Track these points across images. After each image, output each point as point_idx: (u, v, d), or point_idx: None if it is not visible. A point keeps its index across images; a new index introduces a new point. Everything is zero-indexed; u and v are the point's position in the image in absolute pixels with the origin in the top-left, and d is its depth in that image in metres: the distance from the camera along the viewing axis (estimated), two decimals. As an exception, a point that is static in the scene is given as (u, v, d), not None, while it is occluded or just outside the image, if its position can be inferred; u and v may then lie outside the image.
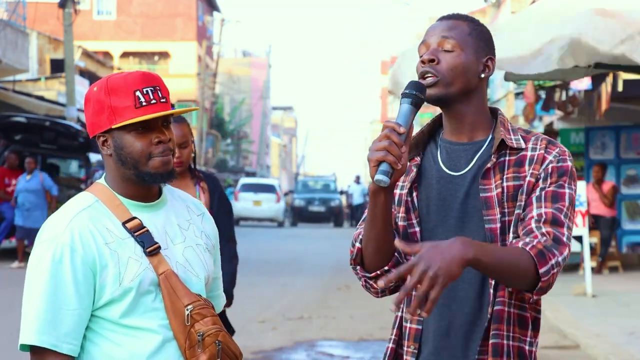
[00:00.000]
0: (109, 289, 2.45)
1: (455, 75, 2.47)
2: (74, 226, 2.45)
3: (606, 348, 8.36)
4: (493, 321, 2.43)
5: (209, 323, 2.49)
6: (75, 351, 2.44)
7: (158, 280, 2.48)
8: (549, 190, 2.43)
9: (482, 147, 2.52)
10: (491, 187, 2.46)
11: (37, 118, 18.04)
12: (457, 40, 2.49)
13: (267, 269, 16.74)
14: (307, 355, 8.88)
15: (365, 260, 2.51)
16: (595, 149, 16.30)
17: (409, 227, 2.53)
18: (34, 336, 2.41)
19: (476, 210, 2.47)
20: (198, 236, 2.62)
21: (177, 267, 2.52)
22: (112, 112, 2.47)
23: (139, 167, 2.49)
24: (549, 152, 2.47)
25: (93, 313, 2.47)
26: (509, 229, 2.44)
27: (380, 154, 2.32)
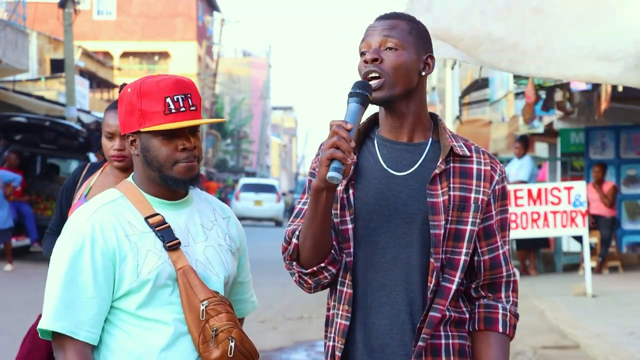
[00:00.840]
0: (127, 280, 2.51)
1: (399, 74, 2.51)
2: (95, 218, 2.53)
3: (606, 348, 8.36)
4: (427, 326, 2.50)
5: (224, 319, 2.53)
6: (93, 339, 2.50)
7: (176, 275, 2.53)
8: (499, 219, 2.61)
9: (425, 149, 2.57)
10: (438, 193, 2.52)
11: (37, 118, 18.02)
12: (399, 39, 2.53)
13: (267, 268, 16.73)
14: (307, 355, 8.88)
15: (302, 256, 2.54)
16: (595, 149, 16.30)
17: (342, 223, 2.55)
18: (51, 322, 2.48)
19: (420, 213, 2.51)
20: (221, 237, 2.68)
21: (197, 264, 2.58)
22: (141, 116, 2.55)
23: (163, 170, 2.56)
24: (494, 170, 2.59)
25: (112, 304, 2.53)
26: (449, 236, 2.53)
27: (330, 151, 2.37)
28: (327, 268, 2.54)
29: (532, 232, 12.32)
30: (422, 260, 2.52)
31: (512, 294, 2.63)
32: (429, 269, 2.51)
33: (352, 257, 2.54)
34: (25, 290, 12.54)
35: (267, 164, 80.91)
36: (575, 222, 11.96)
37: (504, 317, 2.58)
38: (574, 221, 11.97)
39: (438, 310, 2.51)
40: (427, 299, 2.50)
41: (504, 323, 2.58)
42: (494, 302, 2.60)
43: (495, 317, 2.57)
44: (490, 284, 2.60)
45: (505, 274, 2.60)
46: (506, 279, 2.61)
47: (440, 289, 2.52)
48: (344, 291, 2.55)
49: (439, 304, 2.51)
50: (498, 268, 2.59)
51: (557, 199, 12.02)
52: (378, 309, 2.53)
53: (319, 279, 2.56)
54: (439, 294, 2.51)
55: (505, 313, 2.58)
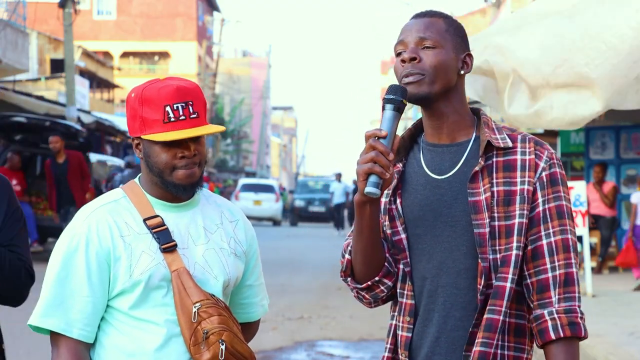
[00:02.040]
0: (121, 280, 2.53)
1: (438, 72, 2.44)
2: (92, 219, 2.56)
3: (606, 348, 8.36)
4: (484, 329, 2.39)
5: (215, 322, 2.52)
6: (87, 337, 2.53)
7: (171, 277, 2.54)
8: (549, 208, 2.43)
9: (466, 148, 2.48)
10: (479, 191, 2.42)
11: (37, 118, 18.00)
12: (436, 37, 2.46)
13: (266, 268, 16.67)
14: (307, 355, 8.88)
15: (355, 271, 2.50)
16: (595, 149, 16.30)
17: (394, 234, 2.49)
18: (39, 319, 2.51)
19: (464, 215, 2.43)
20: (225, 241, 2.67)
21: (195, 266, 2.58)
22: (142, 122, 2.56)
23: (163, 176, 2.58)
24: (540, 157, 2.45)
25: (107, 303, 2.56)
26: (499, 234, 2.41)
27: (367, 166, 2.30)
28: (383, 281, 2.49)
29: (532, 232, 12.29)
30: (471, 262, 2.42)
31: (563, 290, 2.41)
32: (477, 272, 2.41)
33: (410, 267, 2.48)
34: (25, 290, 12.54)
35: (267, 164, 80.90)
36: (575, 222, 11.94)
37: (553, 321, 2.38)
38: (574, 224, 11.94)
39: (495, 312, 2.38)
40: (478, 302, 2.40)
41: (555, 328, 2.38)
42: (540, 309, 2.40)
43: (545, 327, 2.39)
44: (537, 282, 2.41)
45: (550, 266, 2.40)
46: (553, 273, 2.40)
47: (495, 289, 2.40)
48: (404, 302, 2.49)
49: (495, 304, 2.39)
50: (541, 259, 2.41)
51: (557, 199, 12.00)
52: (426, 316, 2.46)
53: (375, 294, 2.52)
54: (493, 294, 2.40)
55: (554, 317, 2.38)
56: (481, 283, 2.40)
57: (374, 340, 9.64)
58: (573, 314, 2.40)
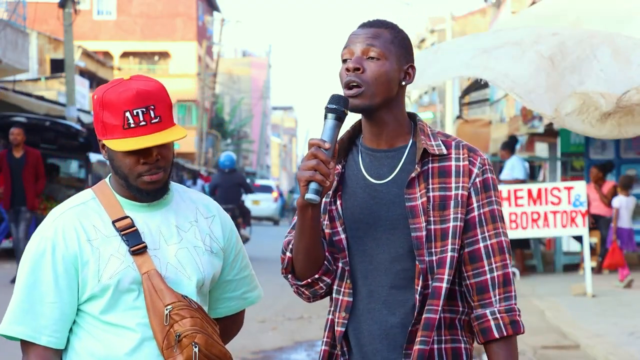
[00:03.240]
0: (90, 285, 2.49)
1: (379, 84, 2.51)
2: (59, 223, 2.51)
3: (606, 348, 8.36)
4: (423, 328, 2.49)
5: (187, 324, 2.48)
6: (56, 344, 2.48)
7: (141, 279, 2.49)
8: (483, 212, 2.54)
9: (403, 154, 2.57)
10: (416, 197, 2.52)
11: (37, 118, 18.01)
12: (382, 48, 2.52)
13: (267, 268, 16.71)
14: (307, 355, 8.88)
15: (296, 269, 2.58)
16: (595, 149, 16.29)
17: (334, 234, 2.57)
18: (8, 327, 2.47)
19: (402, 218, 2.52)
20: (199, 239, 2.62)
21: (168, 267, 2.54)
22: (103, 127, 2.52)
23: (128, 181, 2.54)
24: (473, 164, 2.55)
25: (79, 307, 2.52)
26: (434, 237, 2.51)
27: (308, 174, 2.39)
28: (322, 279, 2.58)
29: (532, 232, 12.33)
30: (410, 264, 2.52)
31: (502, 290, 2.53)
32: (415, 273, 2.51)
33: (349, 266, 2.56)
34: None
35: (267, 164, 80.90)
36: (575, 222, 11.96)
37: (496, 321, 2.51)
38: (574, 221, 11.96)
39: (433, 311, 2.49)
40: (416, 302, 2.50)
41: (498, 327, 2.51)
42: (482, 309, 2.53)
43: (488, 326, 2.52)
44: (477, 284, 2.53)
45: (487, 268, 2.52)
46: (491, 274, 2.52)
47: (433, 290, 2.50)
48: (340, 299, 2.58)
49: (433, 304, 2.50)
50: (479, 262, 2.52)
51: (557, 199, 12.02)
52: (367, 315, 2.55)
53: (315, 290, 2.60)
54: (431, 294, 2.50)
55: (496, 317, 2.52)
56: (419, 284, 2.50)
57: (374, 340, 9.63)
58: (513, 312, 2.53)
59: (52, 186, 18.16)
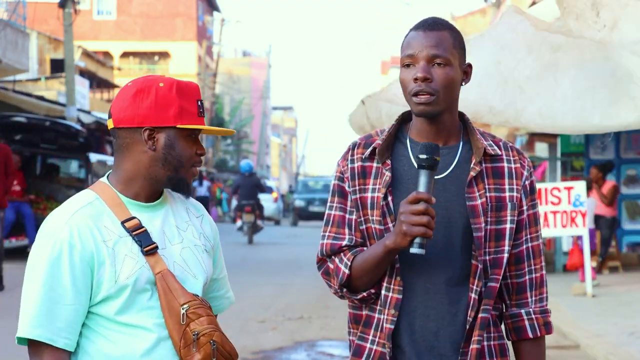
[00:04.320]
0: (105, 286, 2.46)
1: (448, 91, 2.55)
2: (72, 223, 2.47)
3: (606, 348, 8.36)
4: (480, 328, 2.54)
5: (205, 322, 2.49)
6: (71, 346, 2.46)
7: (154, 279, 2.49)
8: (531, 214, 2.64)
9: (457, 152, 2.60)
10: (476, 196, 2.56)
11: (37, 118, 18.02)
12: (447, 55, 2.55)
13: (267, 268, 16.73)
14: (307, 355, 8.88)
15: (354, 285, 2.61)
16: (595, 149, 16.29)
17: (386, 231, 2.57)
18: (29, 330, 2.43)
19: (461, 217, 2.55)
20: (196, 237, 2.63)
21: (175, 267, 2.54)
22: (180, 112, 2.51)
23: (179, 171, 2.54)
24: (523, 167, 2.63)
25: (89, 310, 2.49)
26: (489, 237, 2.56)
27: (420, 230, 2.42)
28: (377, 293, 2.60)
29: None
30: (465, 262, 2.55)
31: (538, 291, 2.64)
32: (471, 271, 2.55)
33: (399, 263, 2.57)
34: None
35: (267, 164, 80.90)
36: (575, 222, 11.96)
37: (530, 321, 2.62)
38: (574, 221, 11.97)
39: (487, 311, 2.56)
40: (470, 300, 2.54)
41: (532, 327, 2.61)
42: (517, 308, 2.63)
43: (522, 325, 2.62)
44: (517, 284, 2.62)
45: (527, 270, 2.62)
46: (529, 276, 2.62)
47: (488, 290, 2.56)
48: (389, 296, 2.57)
49: (488, 304, 2.56)
50: (522, 263, 2.62)
51: (557, 199, 12.02)
52: (423, 311, 2.56)
53: (365, 300, 2.62)
54: (487, 294, 2.56)
55: (531, 317, 2.62)
56: (474, 282, 2.53)
57: (374, 340, 9.63)
58: (546, 314, 2.65)
59: (52, 186, 18.18)
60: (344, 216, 2.63)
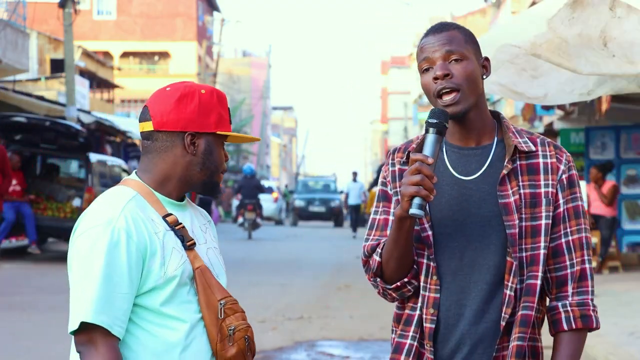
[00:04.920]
0: (154, 277, 2.50)
1: (470, 84, 2.56)
2: (127, 212, 2.50)
3: (606, 348, 8.36)
4: (520, 325, 2.55)
5: (240, 318, 2.57)
6: (122, 335, 2.49)
7: (193, 274, 2.55)
8: (568, 208, 2.61)
9: (490, 151, 2.62)
10: (509, 194, 2.57)
11: (37, 118, 18.00)
12: (461, 49, 2.57)
13: (267, 268, 16.73)
14: (307, 355, 8.88)
15: (386, 274, 2.63)
16: (595, 149, 16.30)
17: (422, 231, 2.60)
18: (95, 315, 2.42)
19: (494, 216, 2.57)
20: (214, 240, 2.72)
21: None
22: (220, 119, 2.59)
23: (214, 176, 2.62)
24: (560, 161, 2.62)
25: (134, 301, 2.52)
26: (525, 234, 2.56)
27: (413, 189, 2.43)
28: (411, 282, 2.62)
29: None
30: (501, 260, 2.56)
31: (580, 284, 2.61)
32: (506, 268, 2.56)
33: (435, 263, 2.59)
34: (25, 291, 12.54)
35: (267, 164, 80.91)
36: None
37: (566, 313, 2.59)
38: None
39: (529, 308, 2.55)
40: (505, 297, 2.54)
41: (567, 320, 2.58)
42: (556, 301, 2.61)
43: (559, 318, 2.60)
44: (557, 277, 2.61)
45: (568, 263, 2.60)
46: (571, 269, 2.60)
47: (527, 287, 2.57)
48: (427, 296, 2.60)
49: (528, 301, 2.56)
50: (560, 256, 2.60)
51: (557, 199, 12.01)
52: (458, 311, 2.58)
53: (402, 292, 2.64)
54: (527, 291, 2.56)
55: (567, 309, 2.59)
56: (509, 279, 2.55)
57: (374, 340, 9.64)
58: (586, 307, 2.60)
59: (52, 186, 18.17)
60: (387, 219, 2.68)
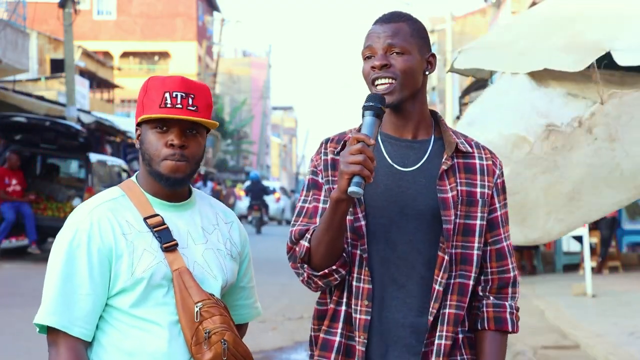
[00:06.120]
0: (122, 278, 2.51)
1: (407, 76, 2.58)
2: (94, 215, 2.54)
3: (606, 348, 8.37)
4: (448, 323, 2.56)
5: (217, 321, 2.53)
6: (87, 335, 2.51)
7: (172, 276, 2.53)
8: (504, 213, 2.67)
9: (428, 146, 2.63)
10: (447, 189, 2.58)
11: (37, 118, 17.99)
12: (403, 43, 2.59)
13: (267, 268, 16.73)
14: (307, 355, 8.87)
15: (314, 259, 2.58)
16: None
17: (355, 221, 2.59)
18: (45, 316, 2.49)
19: (430, 209, 2.57)
20: (221, 242, 2.68)
21: (195, 266, 2.58)
22: (142, 107, 2.57)
23: (152, 164, 2.57)
24: (495, 165, 2.67)
25: (107, 302, 2.54)
26: (457, 231, 2.58)
27: (356, 168, 2.41)
28: (338, 270, 2.59)
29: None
30: (433, 254, 2.57)
31: (516, 289, 2.68)
32: (437, 263, 2.56)
33: (367, 254, 2.58)
34: (25, 291, 12.54)
35: (267, 164, 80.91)
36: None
37: (512, 315, 2.64)
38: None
39: (460, 308, 2.57)
40: (434, 291, 2.55)
41: (512, 322, 2.63)
42: (501, 300, 2.64)
43: (504, 317, 2.62)
44: (499, 279, 2.64)
45: (511, 267, 2.65)
46: (512, 273, 2.66)
47: (460, 286, 2.58)
48: (361, 287, 2.59)
49: (461, 301, 2.58)
50: (504, 260, 2.65)
51: (557, 199, 12.01)
52: (390, 302, 2.57)
53: (328, 281, 2.61)
54: (459, 291, 2.57)
55: (512, 311, 2.64)
56: (439, 274, 2.55)
57: (374, 340, 9.63)
58: (518, 313, 2.68)
59: (52, 186, 18.16)
60: (317, 206, 2.65)
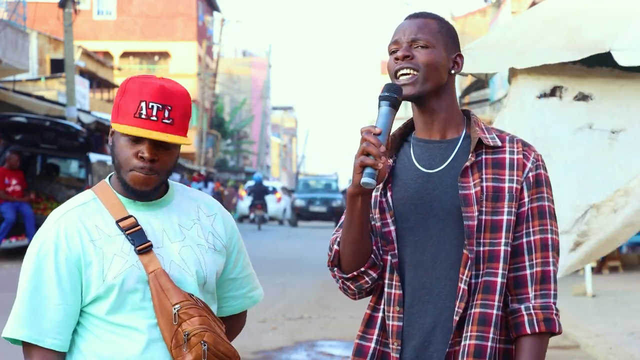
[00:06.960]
0: (94, 286, 2.47)
1: (430, 70, 2.54)
2: (60, 224, 2.49)
3: (606, 348, 8.37)
4: (478, 323, 2.47)
5: (196, 323, 2.47)
6: (60, 346, 2.47)
7: (147, 279, 2.48)
8: (534, 207, 2.54)
9: (456, 145, 2.58)
10: (470, 185, 2.52)
11: (37, 118, 18.00)
12: (428, 37, 2.57)
13: (267, 268, 16.72)
14: (307, 355, 8.89)
15: (342, 262, 2.57)
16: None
17: (384, 226, 2.56)
18: (14, 329, 2.46)
19: (455, 208, 2.51)
20: (202, 237, 2.61)
21: (172, 265, 2.52)
22: (117, 110, 2.51)
23: (120, 171, 2.52)
24: (527, 158, 2.56)
25: (83, 309, 2.50)
26: (484, 228, 2.50)
27: (360, 159, 2.39)
28: (368, 272, 2.55)
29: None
30: (462, 254, 2.50)
31: (540, 287, 2.52)
32: (462, 261, 2.49)
33: (397, 259, 2.55)
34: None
35: (267, 164, 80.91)
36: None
37: (529, 316, 2.49)
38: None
39: (489, 306, 2.47)
40: (459, 290, 2.47)
41: (531, 323, 2.49)
42: (517, 304, 2.51)
43: (521, 321, 2.50)
44: (515, 278, 2.51)
45: (527, 264, 2.51)
46: (530, 270, 2.51)
47: (486, 284, 2.49)
48: (393, 293, 2.55)
49: (488, 299, 2.48)
50: (520, 256, 2.51)
51: (557, 199, 12.02)
52: (420, 307, 2.53)
53: (360, 284, 2.58)
54: (485, 289, 2.48)
55: (530, 312, 2.49)
56: (464, 272, 2.49)
57: (374, 340, 9.63)
58: (549, 310, 2.52)
59: (52, 186, 18.17)
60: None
